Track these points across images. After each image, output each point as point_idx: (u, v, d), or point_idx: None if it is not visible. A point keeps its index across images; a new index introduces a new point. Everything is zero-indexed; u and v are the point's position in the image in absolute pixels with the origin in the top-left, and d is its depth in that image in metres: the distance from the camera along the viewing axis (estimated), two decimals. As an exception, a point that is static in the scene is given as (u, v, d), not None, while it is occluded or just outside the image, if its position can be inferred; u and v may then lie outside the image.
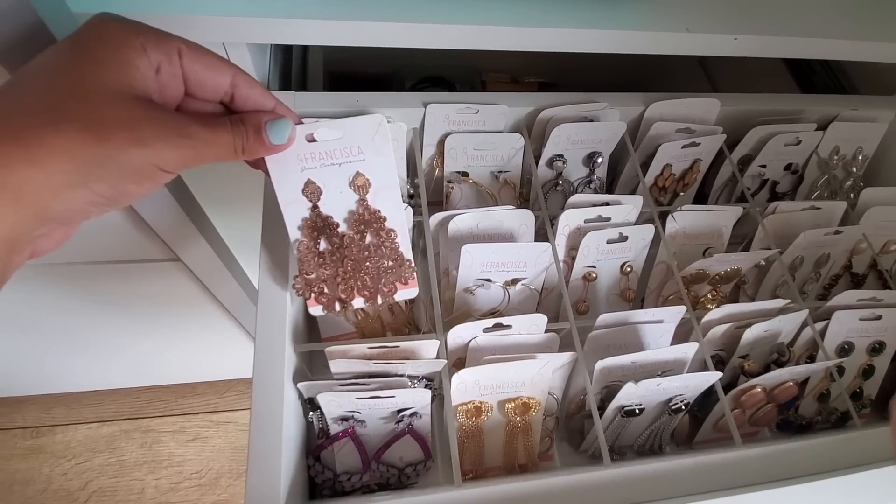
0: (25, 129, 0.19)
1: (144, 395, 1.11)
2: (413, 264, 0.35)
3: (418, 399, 0.34)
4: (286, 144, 0.27)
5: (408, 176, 0.46)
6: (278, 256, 0.36)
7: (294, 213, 0.32)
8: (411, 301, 0.45)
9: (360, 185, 0.32)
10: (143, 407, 1.10)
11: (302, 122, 0.29)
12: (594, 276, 0.44)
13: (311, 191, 0.31)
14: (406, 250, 0.34)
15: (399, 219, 0.33)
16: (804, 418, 0.44)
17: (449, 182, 0.47)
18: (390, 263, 0.34)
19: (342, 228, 0.33)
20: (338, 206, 0.32)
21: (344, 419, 0.35)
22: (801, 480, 0.32)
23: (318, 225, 0.32)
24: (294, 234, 0.32)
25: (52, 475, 1.02)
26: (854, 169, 0.54)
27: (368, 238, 0.33)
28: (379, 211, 0.33)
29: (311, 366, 0.40)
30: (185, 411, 1.10)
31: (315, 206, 0.32)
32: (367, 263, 0.33)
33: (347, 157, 0.31)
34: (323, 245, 0.33)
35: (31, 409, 1.07)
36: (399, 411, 0.35)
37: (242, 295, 0.73)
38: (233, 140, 0.24)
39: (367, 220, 0.33)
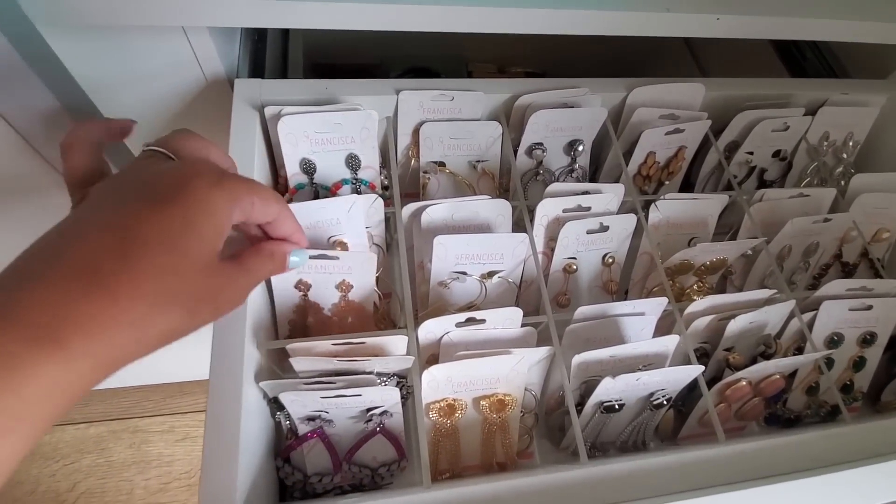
0: (140, 315, 0.21)
1: (133, 394, 1.10)
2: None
3: (387, 397, 0.33)
4: (302, 266, 0.32)
5: (381, 167, 0.45)
6: None
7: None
8: (387, 296, 0.43)
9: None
10: (132, 407, 1.09)
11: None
12: (574, 268, 0.42)
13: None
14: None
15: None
16: (792, 412, 0.43)
17: (425, 172, 0.46)
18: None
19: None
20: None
21: (311, 419, 0.33)
22: (786, 478, 0.31)
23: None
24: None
25: (40, 476, 1.01)
26: (845, 155, 0.53)
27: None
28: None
29: (284, 365, 0.39)
30: (174, 411, 1.09)
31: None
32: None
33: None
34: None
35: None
36: (368, 410, 0.34)
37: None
38: (270, 271, 0.29)
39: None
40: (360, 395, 0.32)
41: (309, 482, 0.36)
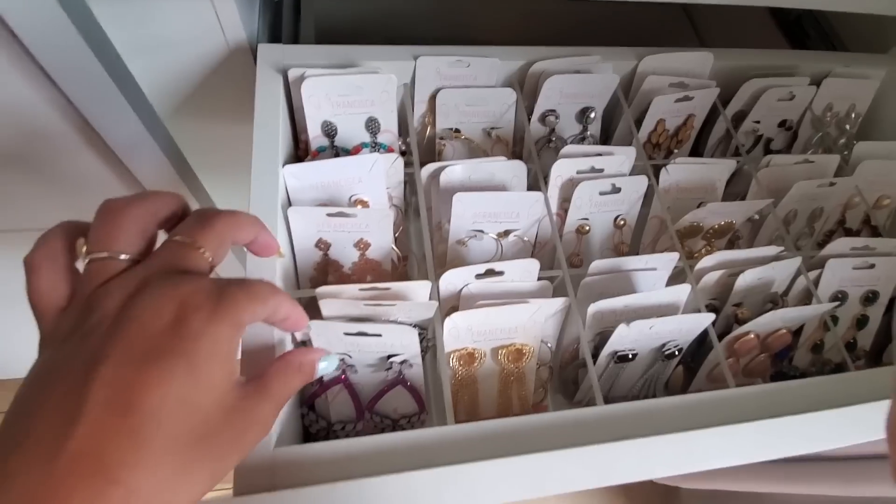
0: (164, 500, 0.19)
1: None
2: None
3: (406, 342, 0.34)
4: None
5: (399, 134, 0.46)
6: (267, 218, 0.35)
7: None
8: (404, 258, 0.45)
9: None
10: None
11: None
12: (587, 228, 0.44)
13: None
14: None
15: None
16: (798, 370, 0.45)
17: (441, 139, 0.47)
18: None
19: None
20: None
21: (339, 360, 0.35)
22: (795, 415, 0.32)
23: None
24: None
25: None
26: (847, 126, 0.54)
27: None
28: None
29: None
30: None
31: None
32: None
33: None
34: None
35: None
36: (388, 357, 0.35)
37: (238, 266, 0.73)
38: (299, 384, 0.26)
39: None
40: (380, 336, 0.33)
41: (332, 430, 0.37)
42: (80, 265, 0.23)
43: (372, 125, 0.43)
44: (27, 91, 0.39)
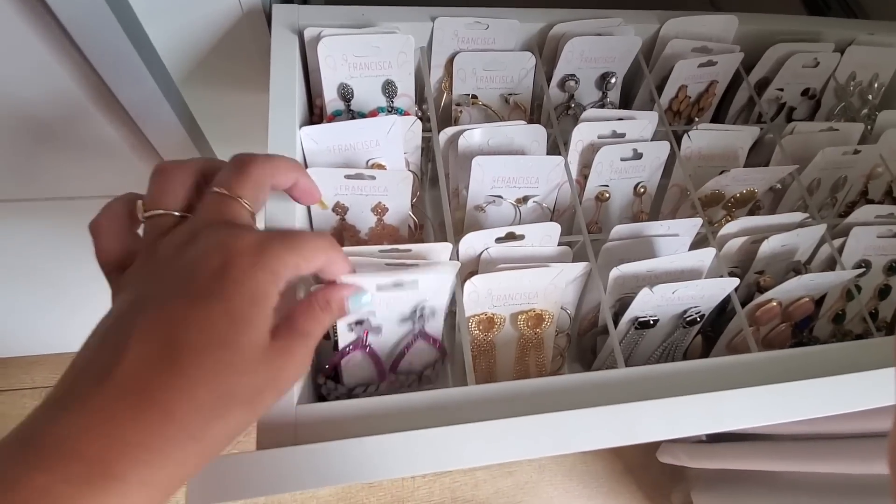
0: (199, 426, 0.19)
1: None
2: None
3: (441, 285, 0.33)
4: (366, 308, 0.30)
5: (416, 101, 0.45)
6: (285, 211, 0.35)
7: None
8: (420, 226, 0.44)
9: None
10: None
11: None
12: (607, 195, 0.43)
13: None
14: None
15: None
16: (818, 340, 0.44)
17: (457, 105, 0.46)
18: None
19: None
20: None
21: (359, 322, 0.34)
22: (818, 379, 0.32)
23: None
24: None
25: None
26: (870, 97, 0.53)
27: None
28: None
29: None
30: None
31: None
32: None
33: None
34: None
35: (39, 369, 1.08)
36: (415, 310, 0.34)
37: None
38: (330, 322, 0.26)
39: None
40: (415, 284, 0.32)
41: (353, 394, 0.37)
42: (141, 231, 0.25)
43: (389, 88, 0.42)
44: (46, 50, 0.38)
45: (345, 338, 0.34)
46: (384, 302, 0.33)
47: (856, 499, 0.71)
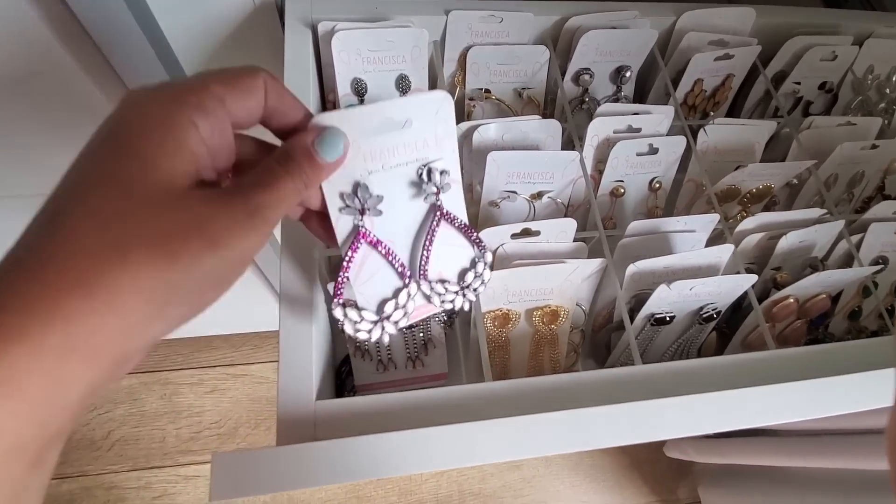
0: (88, 271, 0.16)
1: (162, 348, 1.13)
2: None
3: (438, 132, 0.25)
4: (343, 157, 0.23)
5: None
6: None
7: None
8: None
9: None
10: (162, 360, 1.11)
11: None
12: (622, 191, 0.42)
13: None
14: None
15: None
16: (834, 337, 0.44)
17: (470, 100, 0.46)
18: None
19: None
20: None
21: (354, 195, 0.25)
22: (834, 377, 0.31)
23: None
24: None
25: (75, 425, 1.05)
26: (888, 90, 0.52)
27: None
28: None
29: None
30: (203, 364, 1.12)
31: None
32: None
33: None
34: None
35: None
36: (420, 171, 0.26)
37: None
38: (293, 183, 0.21)
39: None
40: (410, 124, 0.24)
41: (382, 317, 0.27)
42: None
43: (402, 83, 0.41)
44: (52, 35, 0.38)
45: (341, 227, 0.25)
46: (376, 159, 0.24)
47: (862, 495, 0.71)
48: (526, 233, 0.36)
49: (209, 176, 0.20)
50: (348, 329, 0.27)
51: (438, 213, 0.27)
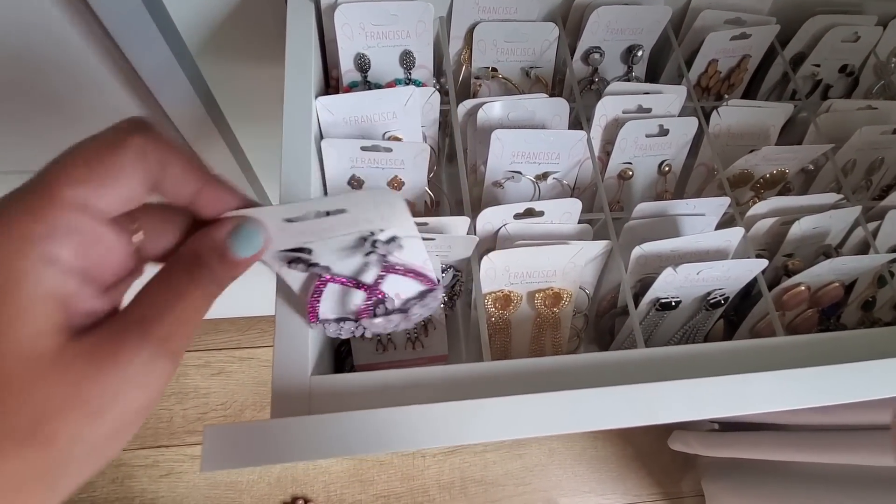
0: None
1: (170, 330, 1.14)
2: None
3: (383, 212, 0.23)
4: (260, 252, 0.20)
5: (434, 74, 0.44)
6: (300, 153, 0.34)
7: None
8: (437, 203, 0.43)
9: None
10: (169, 342, 1.13)
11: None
12: (630, 173, 0.41)
13: None
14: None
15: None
16: (846, 328, 0.43)
17: (477, 78, 0.45)
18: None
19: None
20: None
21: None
22: (843, 365, 0.30)
23: None
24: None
25: (86, 403, 1.07)
26: (914, 75, 0.50)
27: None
28: None
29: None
30: (209, 347, 1.13)
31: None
32: None
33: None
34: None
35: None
36: (365, 238, 0.25)
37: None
38: (202, 291, 0.17)
39: None
40: (344, 212, 0.22)
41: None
42: None
43: (407, 59, 0.41)
44: (59, 14, 0.38)
45: (291, 279, 0.26)
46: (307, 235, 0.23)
47: (867, 490, 0.70)
48: (529, 213, 0.36)
49: (93, 306, 0.16)
50: (331, 334, 0.28)
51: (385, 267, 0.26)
